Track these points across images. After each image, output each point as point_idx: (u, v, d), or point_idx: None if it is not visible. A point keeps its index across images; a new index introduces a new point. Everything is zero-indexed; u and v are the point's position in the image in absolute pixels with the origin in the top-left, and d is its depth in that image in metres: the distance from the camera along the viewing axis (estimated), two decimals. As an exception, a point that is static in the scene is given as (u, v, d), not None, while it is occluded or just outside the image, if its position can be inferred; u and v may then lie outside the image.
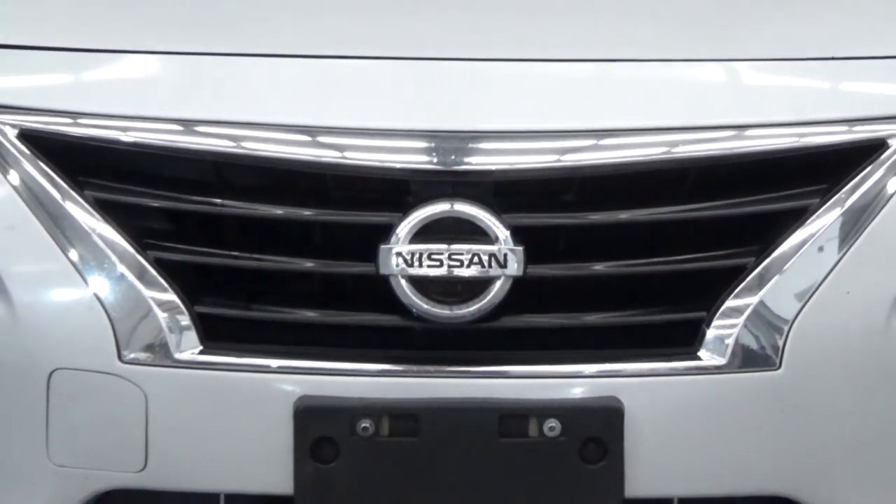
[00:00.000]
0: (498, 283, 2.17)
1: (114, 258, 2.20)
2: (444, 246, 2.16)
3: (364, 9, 2.54)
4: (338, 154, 2.20)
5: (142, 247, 2.21)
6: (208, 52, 2.35)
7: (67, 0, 2.59)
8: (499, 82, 2.28)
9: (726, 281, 2.21)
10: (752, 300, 2.19)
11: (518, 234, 2.17)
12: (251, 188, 2.24)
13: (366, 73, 2.30)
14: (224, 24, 2.47)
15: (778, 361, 2.18)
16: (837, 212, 2.22)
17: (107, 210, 2.22)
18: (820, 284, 2.20)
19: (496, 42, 2.39)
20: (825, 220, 2.21)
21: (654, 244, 2.23)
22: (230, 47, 2.36)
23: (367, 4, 2.56)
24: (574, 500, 2.18)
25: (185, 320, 2.19)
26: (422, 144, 2.20)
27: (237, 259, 2.22)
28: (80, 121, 2.24)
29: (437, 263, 2.16)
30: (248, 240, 2.24)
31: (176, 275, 2.21)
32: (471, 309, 2.17)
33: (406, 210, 2.18)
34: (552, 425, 2.14)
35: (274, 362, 2.19)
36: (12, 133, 2.24)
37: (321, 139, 2.21)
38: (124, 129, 2.23)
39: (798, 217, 2.22)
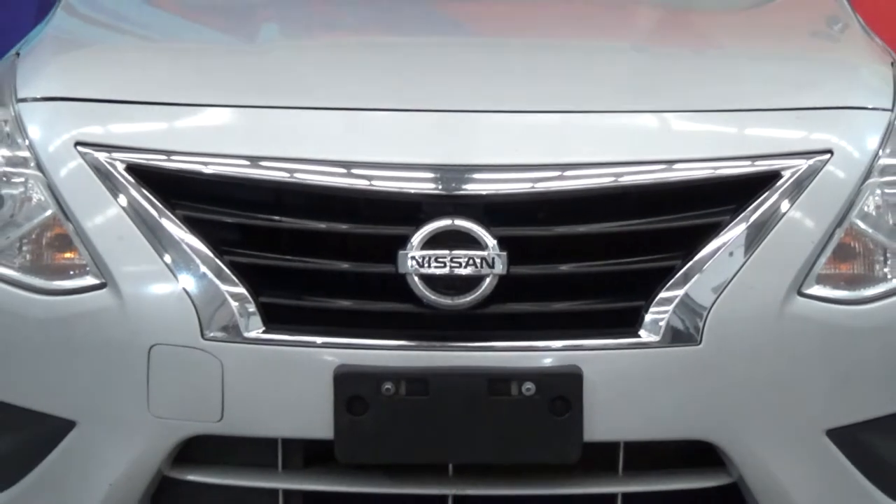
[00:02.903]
0: (488, 280, 2.39)
1: (198, 261, 2.41)
2: (446, 251, 2.37)
3: (386, 72, 2.73)
4: (366, 182, 2.41)
5: (219, 252, 2.41)
6: (268, 106, 2.54)
7: (161, 67, 2.78)
8: (488, 128, 2.49)
9: (660, 278, 2.41)
10: (679, 292, 2.40)
11: (503, 242, 2.38)
12: (301, 207, 2.43)
13: (387, 121, 2.50)
14: (280, 85, 2.62)
15: (699, 339, 2.39)
16: (743, 226, 2.42)
17: (193, 225, 2.42)
18: (730, 281, 2.40)
19: (486, 98, 2.56)
20: (734, 233, 2.42)
21: (606, 249, 2.43)
22: (285, 101, 2.54)
23: (388, 69, 2.74)
24: (545, 444, 2.38)
25: (251, 308, 2.40)
26: (430, 175, 2.41)
27: (291, 261, 2.42)
28: (172, 157, 2.46)
29: (442, 265, 2.37)
30: (300, 246, 2.42)
31: (245, 273, 2.41)
32: (467, 299, 2.39)
33: (418, 224, 2.39)
34: (528, 387, 2.36)
35: (319, 339, 2.39)
36: (121, 167, 2.45)
37: (354, 171, 2.41)
38: (206, 164, 2.44)
39: (714, 230, 2.42)
